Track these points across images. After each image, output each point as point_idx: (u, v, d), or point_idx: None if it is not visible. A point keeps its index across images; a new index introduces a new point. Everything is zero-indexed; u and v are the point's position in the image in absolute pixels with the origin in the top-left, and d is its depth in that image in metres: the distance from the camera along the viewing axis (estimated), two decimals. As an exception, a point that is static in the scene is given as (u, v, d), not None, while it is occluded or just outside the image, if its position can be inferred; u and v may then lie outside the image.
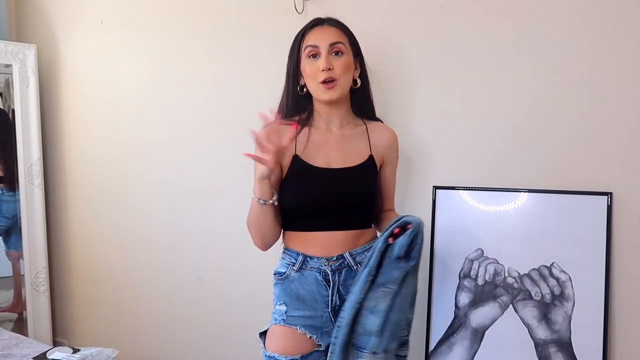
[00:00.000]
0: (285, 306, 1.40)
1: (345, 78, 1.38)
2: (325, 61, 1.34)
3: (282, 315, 1.40)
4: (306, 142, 1.41)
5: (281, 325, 1.39)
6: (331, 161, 1.40)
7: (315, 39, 1.37)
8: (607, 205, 1.39)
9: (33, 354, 1.82)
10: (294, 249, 1.41)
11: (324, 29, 1.38)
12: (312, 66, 1.37)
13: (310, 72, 1.37)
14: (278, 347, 1.37)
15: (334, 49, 1.36)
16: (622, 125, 1.39)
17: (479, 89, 1.57)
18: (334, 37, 1.37)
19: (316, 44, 1.36)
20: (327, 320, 1.38)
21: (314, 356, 1.38)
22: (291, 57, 1.42)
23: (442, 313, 1.58)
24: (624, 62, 1.38)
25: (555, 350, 1.44)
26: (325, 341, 1.38)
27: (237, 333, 2.09)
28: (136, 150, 2.36)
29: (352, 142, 1.43)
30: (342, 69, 1.36)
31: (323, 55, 1.35)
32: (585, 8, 1.41)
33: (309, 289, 1.38)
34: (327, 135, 1.43)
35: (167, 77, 2.22)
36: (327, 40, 1.36)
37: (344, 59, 1.37)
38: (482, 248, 1.54)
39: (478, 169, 1.58)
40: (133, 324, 2.43)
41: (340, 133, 1.43)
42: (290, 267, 1.40)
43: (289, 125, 1.38)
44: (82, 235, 2.60)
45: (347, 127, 1.44)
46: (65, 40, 2.58)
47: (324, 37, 1.36)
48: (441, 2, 1.60)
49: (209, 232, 2.14)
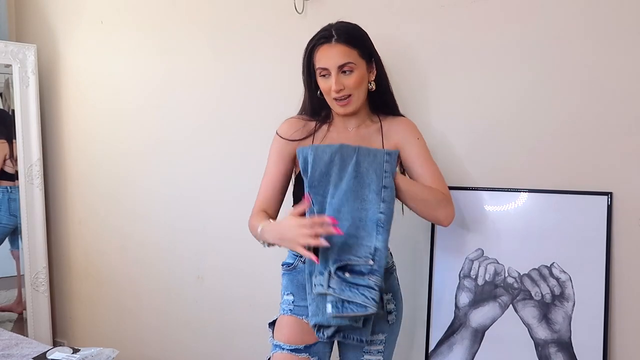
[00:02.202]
0: (293, 296, 1.42)
1: (359, 91, 1.39)
2: (336, 83, 1.35)
3: (290, 305, 1.42)
4: (323, 140, 1.43)
5: (288, 315, 1.41)
6: None
7: (324, 61, 1.36)
8: (607, 205, 1.39)
9: (33, 354, 1.82)
10: None
11: (331, 49, 1.36)
12: (325, 84, 1.38)
13: (323, 89, 1.40)
14: (283, 336, 1.39)
15: (343, 68, 1.35)
16: (622, 125, 1.39)
17: (479, 90, 1.57)
18: (341, 58, 1.35)
19: (326, 67, 1.36)
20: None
21: (317, 347, 1.39)
22: (303, 72, 1.43)
23: (442, 313, 1.58)
24: (624, 62, 1.38)
25: (555, 350, 1.44)
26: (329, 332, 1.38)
27: (237, 333, 2.09)
28: (136, 150, 2.36)
29: (367, 141, 1.43)
30: (354, 85, 1.36)
31: (333, 76, 1.35)
32: (586, 8, 1.41)
33: None
34: (344, 134, 1.45)
35: (166, 77, 2.22)
36: (335, 63, 1.35)
37: (354, 77, 1.36)
38: (482, 248, 1.54)
39: (478, 169, 1.58)
40: (133, 324, 2.43)
41: (356, 132, 1.45)
42: (298, 258, 1.42)
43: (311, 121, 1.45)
44: (82, 235, 2.60)
45: (363, 127, 1.46)
46: (65, 40, 2.58)
47: (333, 60, 1.35)
48: (441, 2, 1.60)
49: (209, 233, 2.14)
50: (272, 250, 1.47)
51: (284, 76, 1.51)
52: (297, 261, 1.43)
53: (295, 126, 1.46)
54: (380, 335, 1.40)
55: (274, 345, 1.41)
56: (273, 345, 1.41)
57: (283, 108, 1.57)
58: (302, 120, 1.47)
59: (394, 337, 1.45)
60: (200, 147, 2.14)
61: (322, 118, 1.47)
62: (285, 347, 1.38)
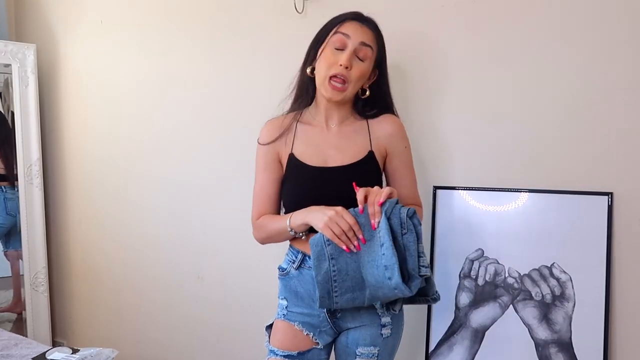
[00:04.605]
0: (286, 301, 1.42)
1: (355, 86, 1.37)
2: (348, 58, 1.32)
3: (283, 309, 1.42)
4: (302, 140, 1.41)
5: (282, 320, 1.41)
6: (327, 160, 1.39)
7: (350, 30, 1.34)
8: (608, 205, 1.39)
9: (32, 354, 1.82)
10: (296, 246, 1.41)
11: (361, 27, 1.35)
12: (333, 56, 1.34)
13: (327, 60, 1.34)
14: (277, 342, 1.39)
15: (361, 50, 1.34)
16: (622, 126, 1.38)
17: (479, 90, 1.57)
18: (367, 38, 1.35)
19: (348, 34, 1.33)
20: (323, 320, 1.37)
21: (312, 353, 1.38)
22: (317, 36, 1.39)
23: (443, 313, 1.58)
24: (623, 62, 1.38)
25: (555, 351, 1.44)
26: (323, 340, 1.38)
27: (237, 333, 2.08)
28: (136, 150, 2.35)
29: (351, 138, 1.41)
30: (357, 75, 1.34)
31: (349, 50, 1.33)
32: (587, 7, 1.41)
33: (306, 288, 1.38)
34: (324, 132, 1.42)
35: (166, 77, 2.22)
36: (359, 37, 1.33)
37: (363, 67, 1.35)
38: (482, 248, 1.54)
39: (478, 169, 1.58)
40: (132, 324, 2.42)
41: (339, 130, 1.42)
42: (291, 264, 1.41)
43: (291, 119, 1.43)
44: (82, 235, 2.59)
45: (346, 123, 1.42)
46: (65, 40, 2.58)
47: (358, 34, 1.34)
48: (442, 1, 1.60)
49: (209, 232, 2.14)
50: (272, 251, 1.47)
51: (284, 76, 1.50)
52: (289, 267, 1.41)
53: (274, 127, 1.44)
54: (372, 348, 1.37)
55: (269, 351, 1.41)
56: (268, 351, 1.41)
57: (283, 108, 1.57)
58: (280, 120, 1.45)
59: (388, 351, 1.40)
60: (201, 147, 2.14)
61: (301, 115, 1.44)
62: (278, 353, 1.38)
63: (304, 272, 1.38)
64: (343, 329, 1.39)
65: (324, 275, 1.25)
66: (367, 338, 1.36)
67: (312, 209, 1.29)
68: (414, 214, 1.23)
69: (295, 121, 1.44)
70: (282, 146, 1.42)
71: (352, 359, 1.38)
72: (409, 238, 1.22)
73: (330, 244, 1.24)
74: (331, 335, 1.40)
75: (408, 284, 1.19)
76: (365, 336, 1.37)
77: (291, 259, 1.41)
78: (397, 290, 1.18)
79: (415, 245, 1.22)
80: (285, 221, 1.34)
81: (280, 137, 1.43)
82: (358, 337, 1.37)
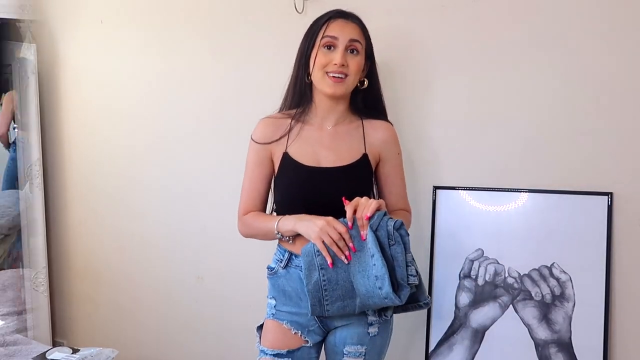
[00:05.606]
0: (275, 300, 1.43)
1: (354, 78, 1.38)
2: (341, 56, 1.33)
3: (272, 309, 1.43)
4: (297, 139, 1.41)
5: (271, 319, 1.42)
6: (321, 160, 1.39)
7: (336, 30, 1.35)
8: (608, 205, 1.39)
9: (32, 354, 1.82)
10: (283, 245, 1.42)
11: (347, 24, 1.37)
12: (325, 57, 1.35)
13: (321, 62, 1.35)
14: (267, 341, 1.40)
15: (352, 46, 1.35)
16: (622, 125, 1.39)
17: (479, 90, 1.57)
18: (355, 34, 1.36)
19: (336, 36, 1.34)
20: (311, 319, 1.38)
21: (302, 351, 1.39)
22: (306, 41, 1.40)
23: (442, 313, 1.58)
24: (624, 62, 1.38)
25: (555, 351, 1.44)
26: (312, 338, 1.39)
27: (237, 333, 2.08)
28: (136, 151, 2.35)
29: (345, 140, 1.41)
30: (355, 68, 1.36)
31: (340, 50, 1.34)
32: (586, 8, 1.41)
33: (293, 287, 1.39)
34: (319, 132, 1.42)
35: (166, 77, 2.22)
36: (347, 35, 1.35)
37: (358, 59, 1.37)
38: (482, 248, 1.54)
39: (478, 169, 1.58)
40: (132, 324, 2.42)
41: (334, 131, 1.42)
42: (279, 263, 1.42)
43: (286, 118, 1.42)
44: (82, 235, 2.59)
45: (341, 125, 1.43)
46: (65, 40, 2.58)
47: (346, 32, 1.35)
48: (442, 1, 1.60)
49: (208, 233, 2.14)
50: (272, 251, 1.47)
51: (285, 76, 1.50)
52: (277, 266, 1.42)
53: (269, 127, 1.44)
54: (359, 347, 1.37)
55: (260, 351, 1.42)
56: (259, 351, 1.42)
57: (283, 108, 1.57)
58: (276, 119, 1.45)
59: (377, 351, 1.40)
60: (200, 147, 2.14)
61: (297, 114, 1.43)
62: (268, 353, 1.39)
63: (291, 270, 1.39)
64: (331, 327, 1.40)
65: (314, 285, 1.28)
66: (355, 337, 1.37)
67: (303, 217, 1.30)
68: (401, 226, 1.27)
69: (291, 120, 1.44)
70: (276, 145, 1.43)
71: (340, 357, 1.39)
72: (396, 249, 1.25)
73: (320, 254, 1.27)
74: (320, 334, 1.40)
75: (397, 293, 1.23)
76: (352, 335, 1.37)
77: (279, 258, 1.42)
78: (387, 299, 1.22)
79: (403, 255, 1.26)
80: (273, 223, 1.36)
81: (279, 140, 1.42)
82: (345, 336, 1.38)
